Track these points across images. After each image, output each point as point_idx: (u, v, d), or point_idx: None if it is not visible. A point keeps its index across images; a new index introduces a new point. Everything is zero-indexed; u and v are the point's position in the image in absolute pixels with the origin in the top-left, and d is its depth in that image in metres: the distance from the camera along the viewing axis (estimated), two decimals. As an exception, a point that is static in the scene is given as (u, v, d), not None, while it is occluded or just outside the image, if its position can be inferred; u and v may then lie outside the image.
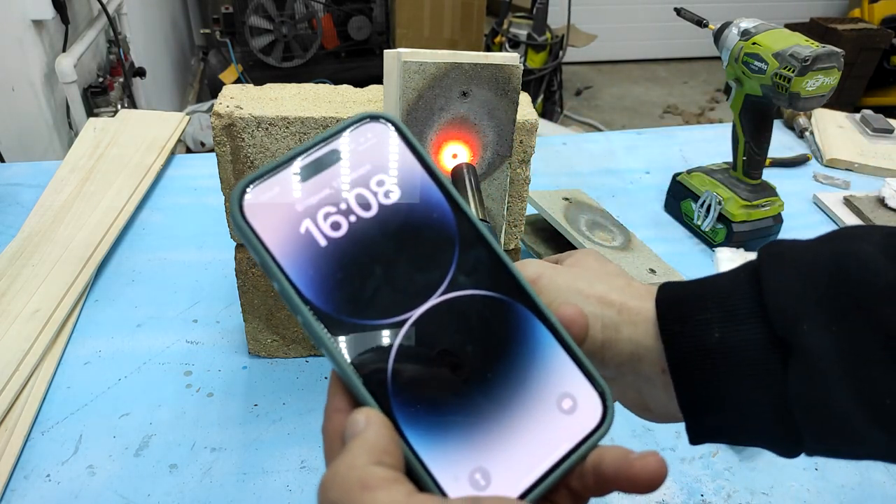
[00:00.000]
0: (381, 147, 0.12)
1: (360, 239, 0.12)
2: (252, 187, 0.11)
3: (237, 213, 0.11)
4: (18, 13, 0.67)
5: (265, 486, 0.26)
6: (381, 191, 0.12)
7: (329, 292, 0.11)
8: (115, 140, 0.48)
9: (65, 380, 0.31)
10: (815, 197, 0.50)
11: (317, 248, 0.11)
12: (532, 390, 0.12)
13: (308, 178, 0.12)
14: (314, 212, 0.12)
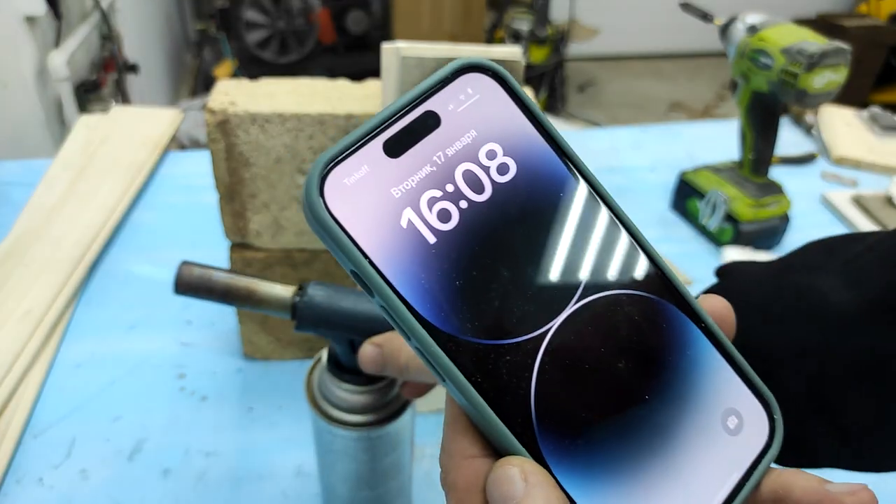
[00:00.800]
0: (485, 106, 0.09)
1: (477, 231, 0.09)
2: (334, 168, 0.08)
3: (318, 204, 0.08)
4: (10, 8, 0.66)
5: (260, 491, 0.26)
6: (493, 165, 0.09)
7: (447, 306, 0.08)
8: (107, 137, 0.48)
9: (57, 382, 0.30)
10: (822, 196, 0.49)
11: (425, 246, 0.08)
12: (695, 409, 0.09)
13: (401, 151, 0.09)
14: (416, 198, 0.08)
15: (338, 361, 0.18)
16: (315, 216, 0.08)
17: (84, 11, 0.85)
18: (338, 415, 0.18)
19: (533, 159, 0.09)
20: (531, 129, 0.09)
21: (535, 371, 0.09)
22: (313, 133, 0.26)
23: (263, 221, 0.28)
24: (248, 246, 0.29)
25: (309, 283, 0.18)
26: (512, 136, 0.09)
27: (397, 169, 0.09)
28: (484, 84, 0.09)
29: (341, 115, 0.26)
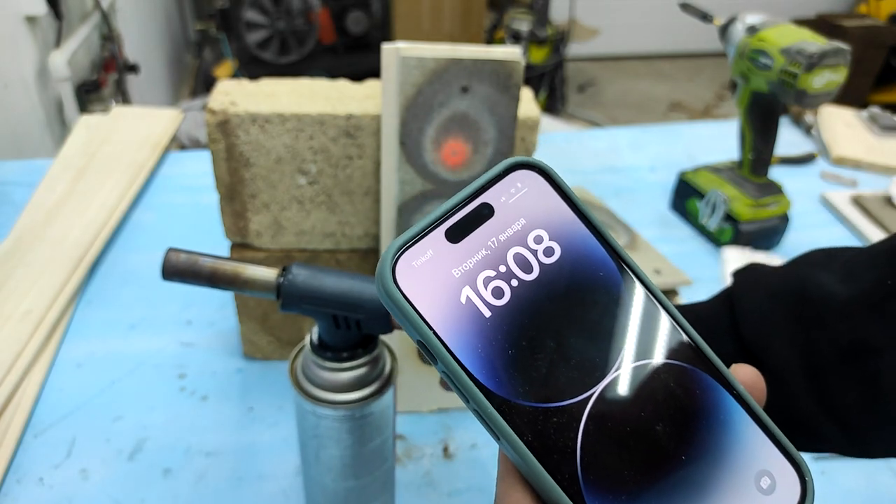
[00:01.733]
0: (533, 198, 0.11)
1: (526, 307, 0.10)
2: (404, 253, 0.10)
3: (390, 283, 0.10)
4: (11, 8, 0.66)
5: (261, 491, 0.26)
6: (540, 248, 0.11)
7: (501, 373, 0.10)
8: (108, 138, 0.48)
9: (57, 382, 0.30)
10: (822, 196, 0.49)
11: (481, 320, 0.10)
12: (730, 470, 0.10)
13: (461, 238, 0.10)
14: (473, 278, 0.10)
15: (322, 340, 0.19)
16: (388, 294, 0.10)
17: (84, 11, 0.85)
18: (322, 395, 0.19)
19: (575, 243, 0.11)
20: (573, 217, 0.11)
21: (580, 432, 0.10)
22: (313, 133, 0.26)
23: (264, 221, 0.28)
24: (249, 246, 0.29)
25: (292, 264, 0.18)
26: (556, 222, 0.11)
27: (457, 253, 0.10)
28: (531, 178, 0.11)
29: (341, 115, 0.26)
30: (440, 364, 0.10)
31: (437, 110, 0.24)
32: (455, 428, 0.29)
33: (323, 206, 0.28)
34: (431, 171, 0.25)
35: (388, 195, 0.26)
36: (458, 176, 0.26)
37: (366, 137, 0.26)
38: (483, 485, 0.27)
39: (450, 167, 0.25)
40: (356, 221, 0.28)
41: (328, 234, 0.29)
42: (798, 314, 0.15)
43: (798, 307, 0.15)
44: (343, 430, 0.19)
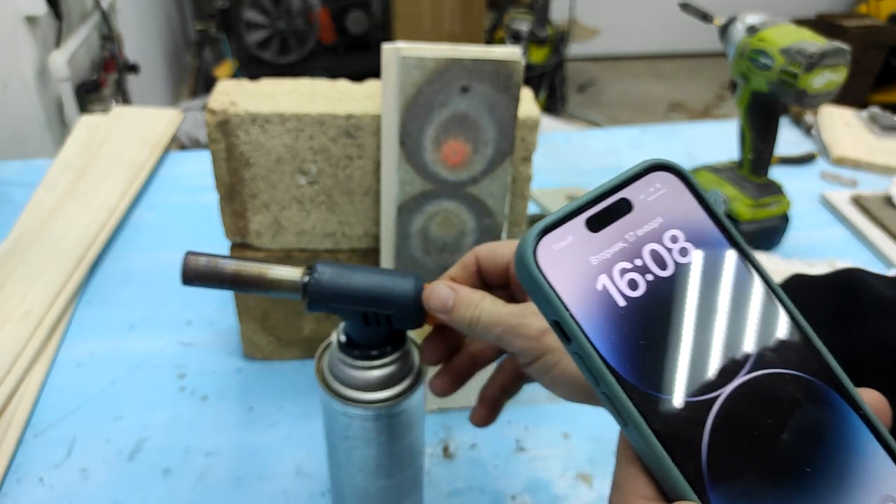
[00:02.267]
0: (670, 199, 0.11)
1: (659, 301, 0.11)
2: (545, 235, 0.10)
3: (531, 263, 0.10)
4: (11, 9, 0.66)
5: (261, 491, 0.26)
6: (675, 248, 0.11)
7: (632, 360, 0.10)
8: (108, 138, 0.48)
9: (57, 382, 0.30)
10: (822, 196, 0.49)
11: (615, 308, 0.10)
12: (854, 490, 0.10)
13: (600, 228, 0.11)
14: (609, 267, 0.11)
15: (350, 339, 0.19)
16: (528, 272, 0.10)
17: (84, 12, 0.85)
18: (353, 394, 0.18)
19: (709, 246, 0.11)
20: (708, 221, 0.11)
21: (707, 428, 0.10)
22: (313, 133, 0.26)
23: (264, 221, 0.28)
24: (249, 246, 0.29)
25: (317, 263, 0.18)
26: (692, 224, 0.11)
27: (596, 242, 0.11)
28: (669, 180, 0.11)
29: (341, 115, 0.26)
30: (574, 344, 0.10)
31: (437, 110, 0.24)
32: (455, 428, 0.29)
33: (323, 206, 0.28)
34: (431, 170, 0.25)
35: (388, 195, 0.26)
36: (458, 176, 0.26)
37: (366, 137, 0.26)
38: (483, 485, 0.27)
39: (450, 167, 0.25)
40: (356, 221, 0.28)
41: (328, 234, 0.29)
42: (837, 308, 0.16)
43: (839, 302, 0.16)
44: (375, 430, 0.19)
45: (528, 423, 0.30)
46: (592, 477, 0.27)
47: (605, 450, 0.28)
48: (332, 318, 0.31)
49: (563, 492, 0.27)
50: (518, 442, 0.29)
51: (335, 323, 0.31)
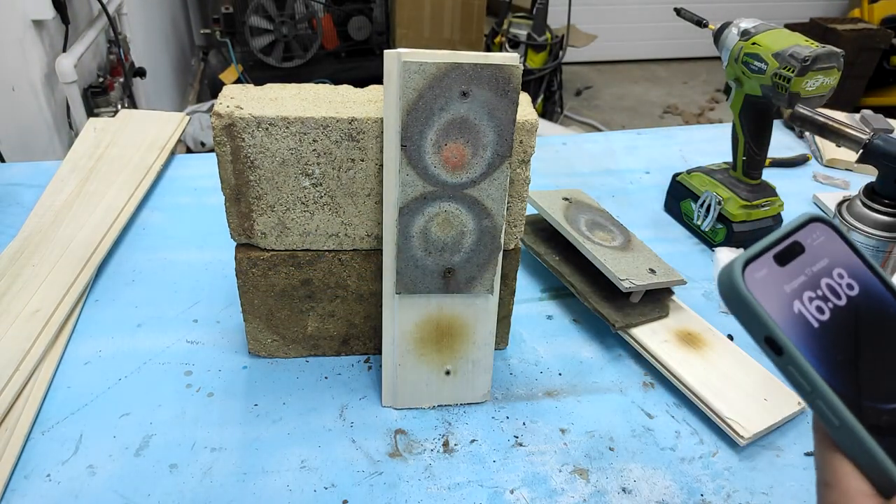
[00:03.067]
0: (830, 245, 0.14)
1: (843, 325, 0.13)
2: (748, 265, 0.13)
3: (743, 287, 0.12)
4: (19, 13, 0.67)
5: (265, 485, 0.27)
6: (843, 283, 0.13)
7: (834, 372, 0.12)
8: (115, 140, 0.48)
9: (65, 380, 0.31)
10: (814, 197, 0.50)
11: (811, 328, 0.13)
12: None
13: (785, 263, 0.13)
14: (800, 294, 0.13)
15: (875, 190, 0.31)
16: (741, 296, 0.12)
17: (91, 16, 0.87)
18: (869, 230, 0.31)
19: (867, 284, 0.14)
20: (861, 264, 0.14)
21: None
22: (317, 136, 0.27)
23: (268, 222, 0.29)
24: (254, 246, 0.30)
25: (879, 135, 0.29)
26: (850, 265, 0.14)
27: (784, 274, 0.13)
28: (825, 230, 0.14)
29: (344, 118, 0.26)
30: (786, 356, 0.12)
31: (438, 114, 0.25)
32: (455, 423, 0.30)
33: (326, 208, 0.28)
34: (432, 172, 0.26)
35: (390, 197, 0.27)
36: (457, 178, 0.26)
37: (368, 141, 0.27)
38: (482, 479, 0.27)
39: (450, 169, 0.26)
40: (359, 222, 0.29)
41: (332, 235, 0.29)
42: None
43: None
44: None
45: (526, 419, 0.30)
46: (588, 471, 0.28)
47: (600, 445, 0.29)
48: (335, 316, 0.32)
49: (561, 486, 0.27)
50: (516, 437, 0.29)
51: (337, 322, 0.32)
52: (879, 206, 0.31)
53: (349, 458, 0.28)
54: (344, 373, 0.32)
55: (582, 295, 0.35)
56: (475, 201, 0.27)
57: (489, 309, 0.28)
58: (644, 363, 0.34)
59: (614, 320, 0.33)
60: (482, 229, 0.27)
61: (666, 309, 0.35)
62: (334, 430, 0.29)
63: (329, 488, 0.26)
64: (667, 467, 0.28)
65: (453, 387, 0.29)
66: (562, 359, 0.34)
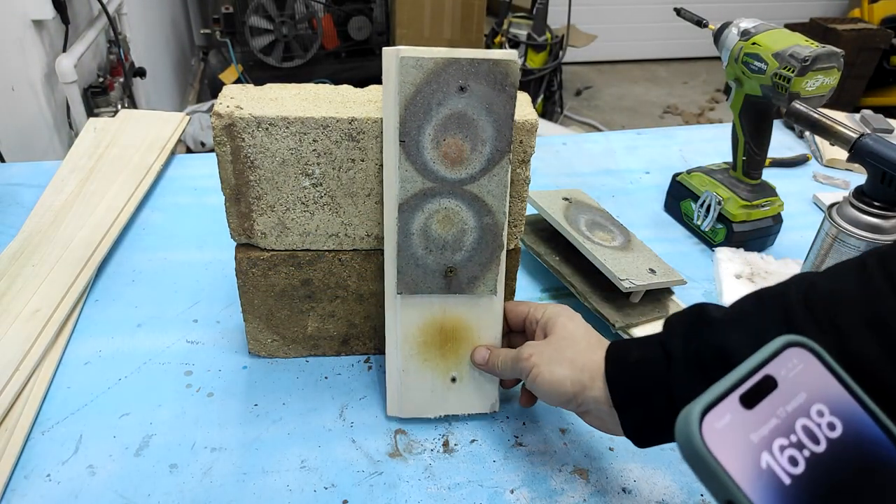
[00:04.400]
0: (809, 374, 0.12)
1: (821, 478, 0.11)
2: (707, 414, 0.11)
3: (699, 444, 0.10)
4: (19, 13, 0.67)
5: (265, 485, 0.27)
6: (822, 422, 0.11)
7: None
8: (115, 140, 0.48)
9: (65, 380, 0.31)
10: (814, 197, 0.50)
11: (783, 487, 0.10)
12: None
13: (754, 405, 0.11)
14: (769, 444, 0.11)
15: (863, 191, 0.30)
16: (698, 454, 0.10)
17: (91, 16, 0.87)
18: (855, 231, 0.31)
19: (853, 421, 0.12)
20: (846, 395, 0.12)
21: None
22: (317, 136, 0.27)
23: (268, 223, 0.29)
24: (254, 246, 0.30)
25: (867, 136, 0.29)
26: (833, 399, 0.12)
27: (752, 419, 0.11)
28: (804, 356, 0.12)
29: (344, 118, 0.26)
30: None
31: (436, 109, 0.25)
32: (455, 423, 0.30)
33: (326, 208, 0.28)
34: (431, 168, 0.26)
35: (390, 192, 0.27)
36: (457, 174, 0.26)
37: (368, 141, 0.27)
38: (482, 479, 0.27)
39: (449, 165, 0.26)
40: (359, 223, 0.29)
41: (332, 235, 0.29)
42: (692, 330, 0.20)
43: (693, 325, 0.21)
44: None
45: (526, 419, 0.30)
46: (588, 471, 0.28)
47: (600, 445, 0.29)
48: (335, 316, 0.32)
49: (561, 486, 0.27)
50: (516, 437, 0.29)
51: (337, 322, 0.32)
52: (869, 207, 0.30)
53: (349, 458, 0.28)
54: (344, 373, 0.32)
55: (582, 295, 0.35)
56: (475, 198, 0.27)
57: (494, 311, 0.28)
58: (644, 363, 0.34)
59: (614, 320, 0.33)
60: (483, 227, 0.27)
61: (666, 309, 0.35)
62: (334, 430, 0.29)
63: (329, 488, 0.26)
64: (667, 467, 0.28)
65: (459, 395, 0.29)
66: (562, 359, 0.34)
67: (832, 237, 0.32)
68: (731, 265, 0.40)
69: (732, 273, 0.40)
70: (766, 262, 0.41)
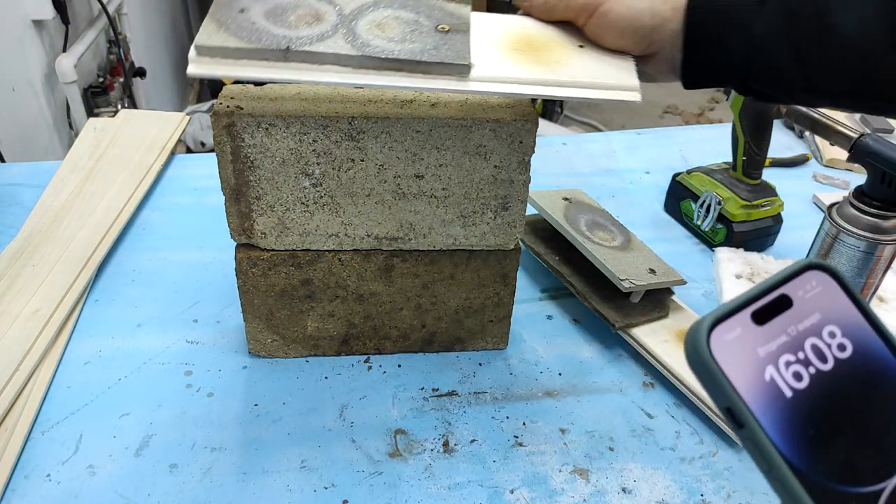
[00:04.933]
0: (826, 297, 0.12)
1: (823, 393, 0.11)
2: (717, 326, 0.11)
3: (705, 351, 0.11)
4: (19, 13, 0.67)
5: (265, 485, 0.27)
6: (833, 343, 0.12)
7: (801, 450, 0.11)
8: (115, 140, 0.49)
9: (65, 379, 0.31)
10: (814, 197, 0.50)
11: (783, 398, 0.11)
12: None
13: (765, 322, 0.11)
14: (775, 359, 0.11)
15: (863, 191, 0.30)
16: (702, 360, 0.11)
17: (91, 16, 0.87)
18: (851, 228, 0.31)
19: (865, 343, 0.12)
20: (861, 319, 0.12)
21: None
22: (317, 137, 0.27)
23: (268, 222, 0.29)
24: (254, 246, 0.30)
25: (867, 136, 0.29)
26: (847, 321, 0.12)
27: (762, 334, 0.11)
28: (824, 279, 0.12)
29: (344, 118, 0.27)
30: (746, 430, 0.11)
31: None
32: (455, 423, 0.30)
33: (326, 208, 0.28)
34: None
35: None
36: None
37: (368, 140, 0.27)
38: (482, 479, 0.27)
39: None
40: (359, 223, 0.29)
41: (332, 235, 0.29)
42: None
43: None
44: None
45: (526, 419, 0.30)
46: (588, 471, 0.28)
47: (600, 445, 0.29)
48: (335, 316, 0.32)
49: (561, 486, 0.27)
50: (516, 437, 0.29)
51: (337, 322, 0.32)
52: (868, 207, 0.30)
53: (349, 458, 0.28)
54: (344, 373, 0.32)
55: (582, 295, 0.35)
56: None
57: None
58: (644, 363, 0.34)
59: (614, 320, 0.34)
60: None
61: (666, 309, 0.35)
62: (334, 430, 0.29)
63: (329, 488, 0.26)
64: (667, 467, 0.28)
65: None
66: (562, 359, 0.34)
67: (832, 237, 0.32)
68: (731, 265, 0.40)
69: (732, 273, 0.40)
70: (767, 262, 0.41)
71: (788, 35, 0.20)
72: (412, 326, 0.33)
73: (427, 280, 0.31)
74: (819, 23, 0.19)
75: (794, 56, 0.20)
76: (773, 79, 0.21)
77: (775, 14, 0.20)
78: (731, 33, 0.21)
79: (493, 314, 0.33)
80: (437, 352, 0.34)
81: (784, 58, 0.20)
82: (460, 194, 0.28)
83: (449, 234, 0.30)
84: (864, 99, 0.20)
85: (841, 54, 0.19)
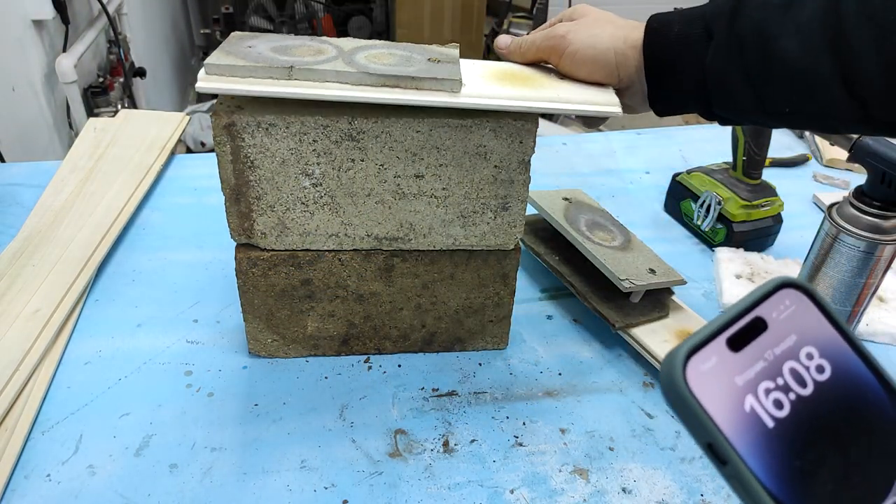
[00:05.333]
0: (801, 316, 0.11)
1: (805, 420, 0.11)
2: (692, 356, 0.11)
3: (682, 385, 0.10)
4: (19, 13, 0.67)
5: (265, 485, 0.27)
6: (811, 365, 0.11)
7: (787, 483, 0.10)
8: (115, 140, 0.49)
9: (65, 379, 0.31)
10: (814, 197, 0.50)
11: (765, 429, 0.10)
12: None
13: (741, 347, 0.11)
14: (754, 387, 0.11)
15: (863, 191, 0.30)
16: (679, 395, 0.10)
17: (91, 16, 0.87)
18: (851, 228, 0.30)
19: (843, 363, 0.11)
20: (838, 337, 0.12)
21: None
22: (317, 137, 0.27)
23: (268, 222, 0.29)
24: (254, 246, 0.30)
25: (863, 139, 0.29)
26: (824, 341, 0.12)
27: (738, 361, 0.11)
28: (797, 297, 0.12)
29: (344, 118, 0.27)
30: (730, 467, 0.10)
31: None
32: (455, 423, 0.30)
33: (326, 208, 0.28)
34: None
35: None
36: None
37: (368, 140, 0.27)
38: (482, 479, 0.27)
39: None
40: (359, 223, 0.29)
41: (332, 235, 0.29)
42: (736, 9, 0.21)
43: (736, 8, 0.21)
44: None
45: (526, 419, 0.30)
46: (588, 471, 0.28)
47: (600, 445, 0.29)
48: (335, 316, 0.32)
49: (560, 486, 0.27)
50: (516, 437, 0.29)
51: (337, 322, 0.32)
52: (869, 207, 0.30)
53: (349, 458, 0.28)
54: (344, 373, 0.32)
55: (582, 295, 0.35)
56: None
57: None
58: (644, 363, 0.34)
59: (614, 320, 0.34)
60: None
61: (666, 309, 0.35)
62: (334, 430, 0.29)
63: (329, 488, 0.26)
64: (667, 467, 0.28)
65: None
66: (562, 359, 0.34)
67: (832, 237, 0.32)
68: (731, 265, 0.40)
69: (732, 273, 0.40)
70: (766, 262, 0.41)
71: (736, 62, 0.21)
72: (412, 326, 0.33)
73: (427, 280, 0.31)
74: (765, 49, 0.20)
75: (744, 81, 0.21)
76: (729, 103, 0.22)
77: (724, 45, 0.21)
78: (686, 67, 0.22)
79: (493, 314, 0.33)
80: (437, 352, 0.34)
81: (735, 83, 0.22)
82: (460, 194, 0.28)
83: (449, 234, 0.30)
84: (816, 119, 0.21)
85: (788, 77, 0.20)
